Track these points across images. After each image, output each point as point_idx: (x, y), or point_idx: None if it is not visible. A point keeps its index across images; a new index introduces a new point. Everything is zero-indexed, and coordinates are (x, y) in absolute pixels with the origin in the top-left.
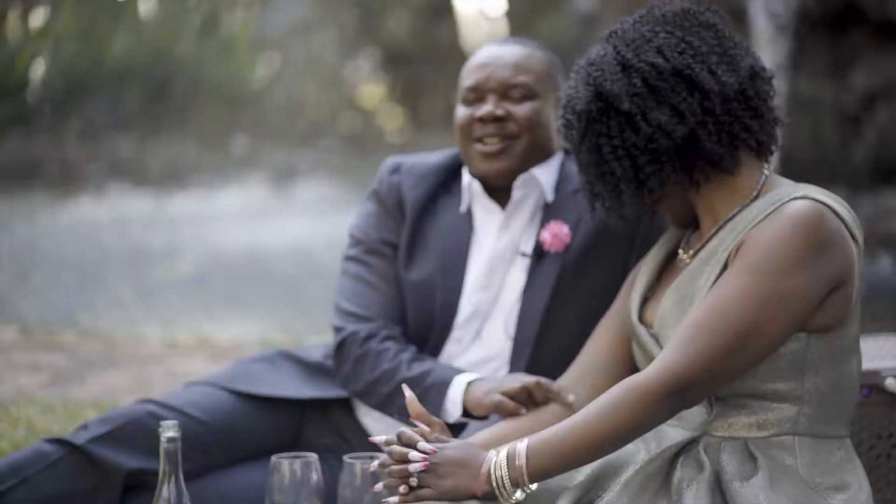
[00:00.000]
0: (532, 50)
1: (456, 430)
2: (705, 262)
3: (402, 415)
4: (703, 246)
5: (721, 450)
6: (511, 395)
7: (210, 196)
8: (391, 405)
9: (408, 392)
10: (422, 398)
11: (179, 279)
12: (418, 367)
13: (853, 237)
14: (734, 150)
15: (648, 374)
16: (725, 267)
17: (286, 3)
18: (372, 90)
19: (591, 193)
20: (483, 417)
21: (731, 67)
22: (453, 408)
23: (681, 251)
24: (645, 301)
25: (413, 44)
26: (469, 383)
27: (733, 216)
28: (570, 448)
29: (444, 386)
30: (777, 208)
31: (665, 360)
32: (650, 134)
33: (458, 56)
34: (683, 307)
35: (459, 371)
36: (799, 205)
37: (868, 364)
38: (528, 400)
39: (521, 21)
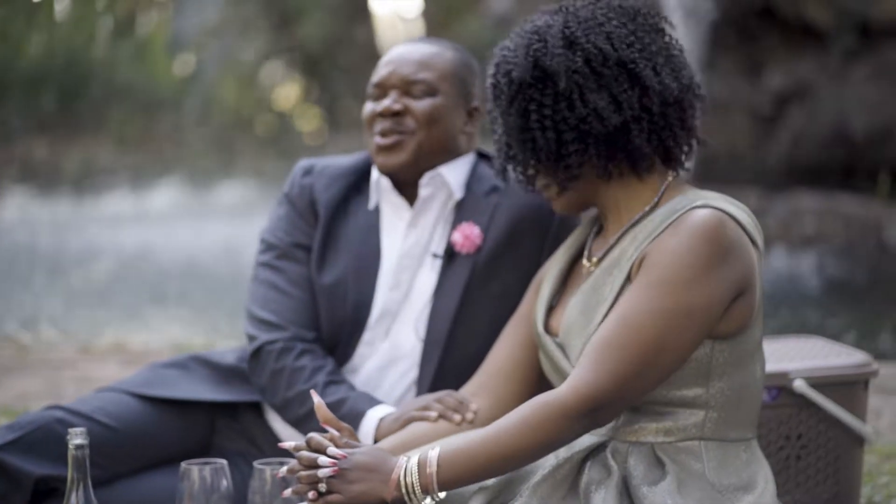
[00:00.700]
0: (442, 49)
1: None
2: (608, 272)
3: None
4: (605, 254)
5: (628, 455)
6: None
7: (126, 199)
8: (306, 425)
9: (316, 397)
10: None
11: (94, 283)
12: (333, 394)
13: (753, 242)
14: (654, 154)
15: (562, 393)
16: (629, 277)
17: (200, 5)
18: (288, 92)
19: (506, 156)
20: None
21: (674, 74)
22: (365, 440)
23: (584, 258)
24: (550, 309)
25: (329, 45)
26: (381, 419)
27: (635, 223)
28: (482, 460)
29: (357, 418)
30: (678, 218)
31: (578, 379)
32: (584, 115)
33: (374, 57)
34: (588, 317)
35: (374, 402)
36: (699, 215)
37: (776, 366)
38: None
39: (436, 22)
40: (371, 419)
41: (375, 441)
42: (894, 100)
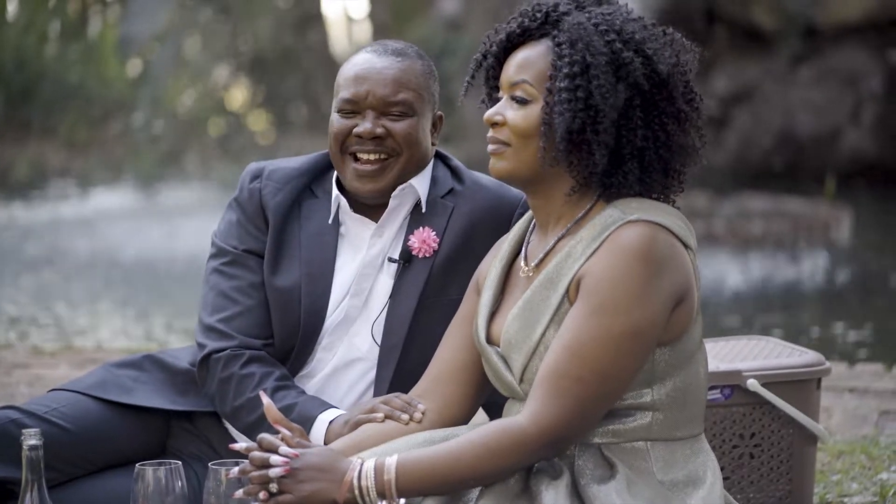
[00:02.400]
0: (411, 62)
1: None
2: (545, 287)
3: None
4: (542, 259)
5: (576, 456)
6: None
7: (77, 201)
8: (257, 432)
9: (265, 398)
10: None
11: (44, 284)
12: (282, 399)
13: (687, 245)
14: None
15: (524, 425)
16: (567, 295)
17: (150, 8)
18: (238, 94)
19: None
20: None
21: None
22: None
23: (522, 259)
24: (491, 314)
25: (278, 47)
26: (330, 422)
27: (568, 231)
28: (439, 476)
29: (306, 422)
30: (611, 235)
31: (539, 413)
32: (657, 129)
33: (324, 59)
34: (527, 333)
35: (324, 406)
36: (631, 233)
37: (729, 365)
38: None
39: (385, 24)
40: (321, 423)
41: (325, 445)
42: (839, 102)
